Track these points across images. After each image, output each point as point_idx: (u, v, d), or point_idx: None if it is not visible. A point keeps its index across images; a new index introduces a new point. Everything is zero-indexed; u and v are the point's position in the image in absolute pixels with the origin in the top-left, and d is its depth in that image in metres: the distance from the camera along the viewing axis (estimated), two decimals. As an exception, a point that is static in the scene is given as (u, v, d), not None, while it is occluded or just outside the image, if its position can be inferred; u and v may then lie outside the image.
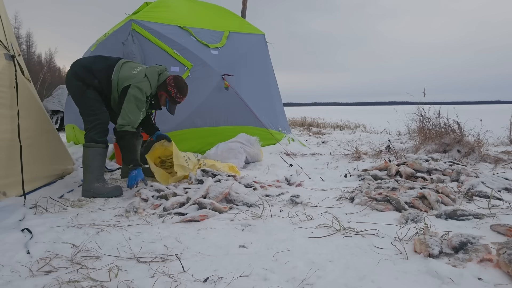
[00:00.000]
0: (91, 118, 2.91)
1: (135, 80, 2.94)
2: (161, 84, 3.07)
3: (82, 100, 2.94)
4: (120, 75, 2.99)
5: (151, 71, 3.05)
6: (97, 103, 2.94)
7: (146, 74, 3.00)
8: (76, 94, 2.96)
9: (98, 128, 2.90)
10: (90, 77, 2.94)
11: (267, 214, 2.29)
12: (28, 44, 31.59)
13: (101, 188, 2.84)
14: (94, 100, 2.93)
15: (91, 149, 2.88)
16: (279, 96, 6.08)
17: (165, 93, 3.07)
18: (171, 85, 3.05)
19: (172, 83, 3.05)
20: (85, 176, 2.89)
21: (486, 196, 2.59)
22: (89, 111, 2.92)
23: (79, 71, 2.96)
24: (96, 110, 2.92)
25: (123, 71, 3.01)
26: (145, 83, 2.95)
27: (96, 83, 2.95)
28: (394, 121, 6.98)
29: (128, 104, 2.88)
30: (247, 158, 4.23)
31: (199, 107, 4.55)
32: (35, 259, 1.63)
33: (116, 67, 3.02)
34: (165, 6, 5.12)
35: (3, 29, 2.70)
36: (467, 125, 4.83)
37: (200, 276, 1.48)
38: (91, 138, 2.88)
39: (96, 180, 2.86)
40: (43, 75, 13.93)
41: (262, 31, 5.91)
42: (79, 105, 2.98)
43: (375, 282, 1.42)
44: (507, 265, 1.43)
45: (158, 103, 3.15)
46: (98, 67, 3.00)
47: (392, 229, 1.98)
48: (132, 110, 2.88)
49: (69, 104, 5.97)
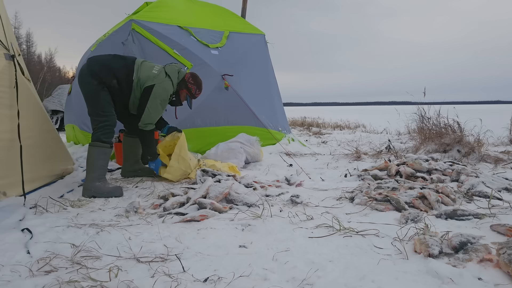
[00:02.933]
0: (100, 118, 2.94)
1: (158, 79, 3.07)
2: (181, 81, 3.25)
3: (95, 99, 2.94)
4: (140, 75, 3.06)
5: (172, 70, 3.18)
6: (109, 105, 2.97)
7: (167, 73, 3.14)
8: (90, 92, 2.96)
9: (105, 129, 2.93)
10: (109, 76, 2.96)
11: (267, 214, 2.29)
12: (28, 44, 31.58)
13: (101, 188, 2.85)
14: (106, 102, 2.96)
15: (96, 148, 2.90)
16: (279, 96, 6.08)
17: (186, 90, 3.28)
18: (190, 83, 3.26)
19: (192, 81, 3.27)
20: (87, 175, 2.90)
21: (486, 196, 2.59)
22: (99, 111, 2.94)
23: (97, 69, 2.96)
24: (106, 112, 2.95)
25: (143, 71, 3.08)
26: (168, 83, 3.12)
27: (115, 83, 2.98)
28: (394, 121, 6.99)
29: (152, 104, 3.05)
30: (247, 158, 4.23)
31: (199, 107, 4.54)
32: (35, 259, 1.63)
33: (136, 66, 3.08)
34: (165, 6, 5.12)
35: (3, 29, 2.69)
36: (467, 125, 4.84)
37: (200, 276, 1.48)
38: (97, 137, 2.91)
39: (97, 179, 2.86)
40: (43, 75, 13.93)
41: (262, 31, 5.91)
42: (90, 103, 2.98)
43: (375, 282, 1.42)
44: (507, 265, 1.43)
45: (179, 99, 3.34)
46: (118, 66, 3.03)
47: (392, 229, 1.98)
48: (156, 109, 3.08)
49: (69, 104, 5.97)
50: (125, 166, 3.58)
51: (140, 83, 3.06)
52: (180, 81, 3.25)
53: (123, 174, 3.55)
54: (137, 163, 3.58)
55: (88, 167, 2.91)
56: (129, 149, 3.53)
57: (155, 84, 3.04)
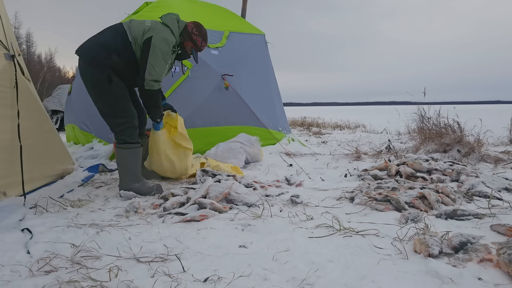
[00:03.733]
0: (120, 120, 2.75)
1: (155, 30, 2.74)
2: (183, 32, 2.92)
3: (108, 96, 2.71)
4: (134, 34, 2.75)
5: (170, 19, 2.86)
6: (125, 101, 2.75)
7: (165, 23, 2.83)
8: (98, 85, 2.69)
9: (129, 131, 2.78)
10: (106, 53, 2.68)
11: (267, 214, 2.29)
12: (28, 44, 31.60)
13: (142, 188, 2.79)
14: (121, 98, 2.73)
15: (127, 151, 2.78)
16: (279, 96, 6.08)
17: (191, 43, 2.95)
18: (195, 34, 2.93)
19: (196, 32, 2.93)
20: (123, 178, 2.80)
21: (486, 196, 2.59)
22: (118, 111, 2.74)
23: (92, 52, 2.71)
24: (126, 111, 2.75)
25: (135, 29, 2.76)
26: (167, 31, 2.78)
27: (116, 58, 2.69)
28: (394, 121, 6.99)
29: (153, 57, 2.69)
30: (247, 158, 4.23)
31: (199, 107, 4.54)
32: (35, 259, 1.63)
33: (126, 29, 2.77)
34: (165, 6, 5.11)
35: (3, 29, 2.69)
36: (467, 125, 4.84)
37: (200, 276, 1.48)
38: (124, 140, 2.77)
39: (135, 180, 2.80)
40: (43, 75, 13.93)
41: (262, 31, 5.91)
42: (102, 101, 2.74)
43: (375, 282, 1.42)
44: (507, 265, 1.43)
45: (185, 51, 3.01)
46: (108, 38, 2.75)
47: (392, 229, 1.98)
48: (158, 64, 2.72)
49: (69, 104, 5.96)
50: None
51: (138, 42, 2.74)
52: (183, 32, 2.91)
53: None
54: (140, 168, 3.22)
55: (122, 170, 2.80)
56: None
57: (153, 35, 2.70)
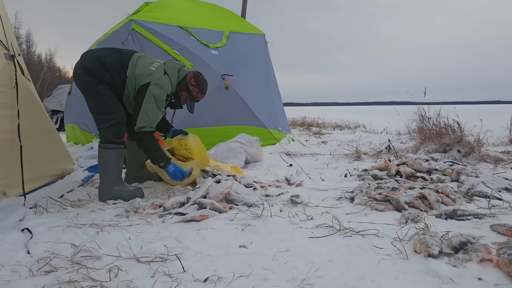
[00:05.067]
0: (107, 117, 2.71)
1: (155, 77, 2.74)
2: (181, 82, 2.90)
3: (95, 97, 2.73)
4: (136, 72, 2.77)
5: (171, 68, 2.85)
6: (112, 100, 2.74)
7: (165, 71, 2.81)
8: (87, 90, 2.75)
9: (114, 128, 2.72)
10: (101, 70, 2.71)
11: (267, 214, 2.29)
12: (28, 44, 31.60)
13: (122, 191, 2.72)
14: (109, 98, 2.73)
15: (109, 151, 2.71)
16: (279, 96, 6.08)
17: (186, 93, 2.93)
18: (192, 84, 2.89)
19: (193, 82, 2.89)
20: (103, 179, 2.73)
21: (486, 196, 2.59)
22: (104, 109, 2.72)
23: (90, 64, 2.73)
24: (112, 108, 2.72)
25: (139, 67, 2.78)
26: (165, 80, 2.78)
27: (108, 77, 2.72)
28: (394, 121, 6.98)
29: (148, 104, 2.70)
30: (247, 158, 4.22)
31: (199, 107, 4.53)
32: (35, 259, 1.63)
33: (131, 62, 2.79)
34: (165, 6, 5.12)
35: (3, 29, 2.69)
36: (467, 125, 4.83)
37: (200, 276, 1.48)
38: (107, 139, 2.70)
39: (115, 182, 2.72)
40: (43, 75, 13.94)
41: (262, 31, 5.91)
42: (91, 102, 2.76)
43: (375, 282, 1.42)
44: (507, 265, 1.43)
45: (178, 102, 2.99)
46: (110, 60, 2.76)
47: (392, 229, 1.98)
48: (152, 110, 2.72)
49: (69, 104, 5.97)
50: (129, 172, 3.28)
51: (136, 80, 2.77)
52: (180, 81, 2.90)
53: (127, 179, 3.23)
54: (142, 169, 3.28)
55: (102, 171, 2.73)
56: (132, 153, 3.20)
57: (151, 82, 2.72)
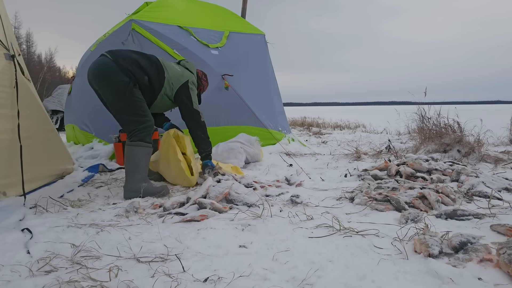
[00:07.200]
0: (141, 119, 2.81)
1: (187, 76, 3.19)
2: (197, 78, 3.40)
3: (131, 99, 2.77)
4: (170, 73, 3.09)
5: (192, 67, 3.33)
6: (145, 104, 2.87)
7: (190, 70, 3.28)
8: (120, 90, 2.74)
9: (149, 130, 2.83)
10: (141, 72, 2.83)
11: (267, 214, 2.29)
12: (28, 44, 31.63)
13: (150, 188, 2.78)
14: (143, 101, 2.85)
15: (140, 148, 2.78)
16: (279, 96, 6.08)
17: (201, 87, 3.47)
18: (204, 80, 3.48)
19: (205, 78, 3.50)
20: (131, 176, 2.75)
21: (486, 196, 2.59)
22: (140, 111, 2.81)
23: (128, 65, 2.77)
24: (146, 111, 2.85)
25: (170, 69, 3.11)
26: (194, 78, 3.28)
27: (146, 80, 2.86)
28: (394, 121, 6.99)
29: (194, 98, 3.20)
30: (247, 158, 4.22)
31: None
32: (35, 259, 1.63)
33: (163, 64, 3.08)
34: (165, 6, 5.12)
35: (3, 29, 2.69)
36: (467, 125, 4.83)
37: (200, 276, 1.48)
38: (141, 138, 2.78)
39: (143, 180, 2.78)
40: (43, 75, 13.95)
41: (262, 31, 5.91)
42: (124, 103, 2.78)
43: (375, 282, 1.42)
44: (507, 265, 1.43)
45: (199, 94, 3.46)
46: (146, 64, 2.92)
47: (392, 229, 1.98)
48: (197, 103, 3.24)
49: (69, 104, 5.96)
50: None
51: (172, 81, 3.07)
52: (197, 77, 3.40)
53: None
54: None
55: (131, 168, 2.76)
56: None
57: (188, 80, 3.16)
